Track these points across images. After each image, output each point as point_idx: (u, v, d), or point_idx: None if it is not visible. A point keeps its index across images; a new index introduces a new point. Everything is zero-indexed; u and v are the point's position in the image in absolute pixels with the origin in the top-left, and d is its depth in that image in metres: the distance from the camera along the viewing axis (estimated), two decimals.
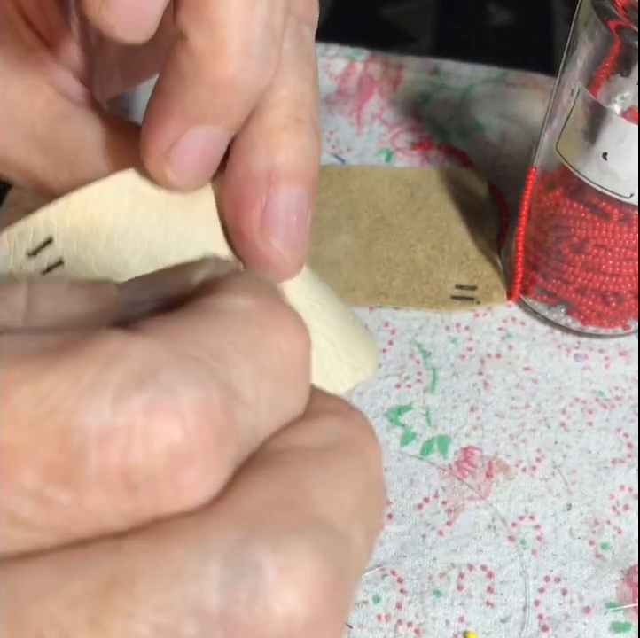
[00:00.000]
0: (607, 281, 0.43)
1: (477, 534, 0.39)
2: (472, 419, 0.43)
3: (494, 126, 0.55)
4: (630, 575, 0.38)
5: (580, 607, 0.38)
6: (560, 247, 0.43)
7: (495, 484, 0.41)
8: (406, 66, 0.57)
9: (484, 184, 0.52)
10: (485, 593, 0.38)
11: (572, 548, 0.39)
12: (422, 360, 0.45)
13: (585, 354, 0.45)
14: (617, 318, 0.45)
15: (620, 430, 0.43)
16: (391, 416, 0.43)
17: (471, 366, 0.45)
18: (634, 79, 0.36)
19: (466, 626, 0.37)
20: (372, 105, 0.56)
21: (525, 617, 0.37)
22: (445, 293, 0.47)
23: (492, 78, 0.57)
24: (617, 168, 0.38)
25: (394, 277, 0.47)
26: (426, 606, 0.37)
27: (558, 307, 0.45)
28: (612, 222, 0.41)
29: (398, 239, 0.49)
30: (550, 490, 0.41)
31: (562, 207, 0.42)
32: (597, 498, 0.41)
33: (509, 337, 0.46)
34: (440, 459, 0.42)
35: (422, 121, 0.55)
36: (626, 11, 0.35)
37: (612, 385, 0.44)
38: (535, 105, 0.55)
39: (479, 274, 0.48)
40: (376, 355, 0.29)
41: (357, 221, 0.50)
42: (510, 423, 0.43)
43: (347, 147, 0.54)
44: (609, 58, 0.37)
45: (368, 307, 0.47)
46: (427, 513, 0.40)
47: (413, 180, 0.52)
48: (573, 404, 0.44)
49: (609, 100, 0.37)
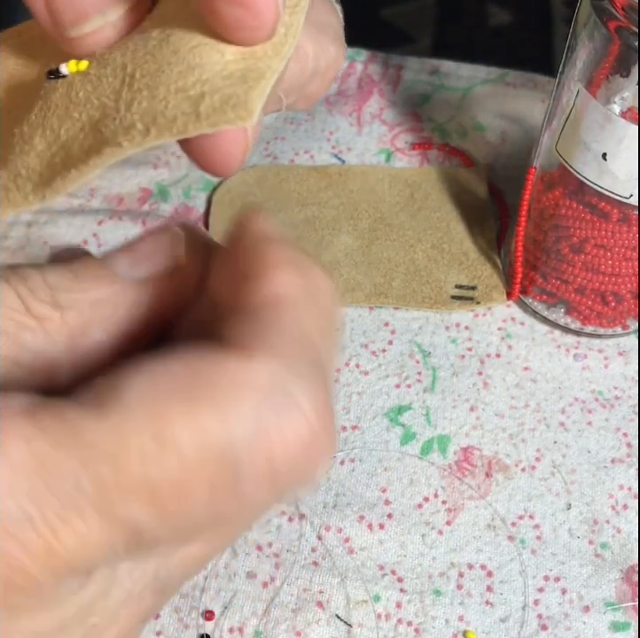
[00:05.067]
0: (606, 281, 0.43)
1: (476, 534, 0.40)
2: (471, 419, 0.43)
3: (494, 126, 0.55)
4: (629, 574, 0.38)
5: (579, 606, 0.38)
6: (560, 247, 0.43)
7: (494, 483, 0.41)
8: (406, 66, 0.57)
9: (484, 184, 0.52)
10: (484, 592, 0.38)
11: (571, 547, 0.39)
12: (422, 360, 0.45)
13: (584, 354, 0.45)
14: (616, 318, 0.45)
15: (620, 429, 0.43)
16: (391, 416, 0.43)
17: (470, 366, 0.45)
18: (633, 79, 0.36)
19: (466, 626, 0.37)
20: (372, 106, 0.56)
21: (524, 616, 0.37)
22: (445, 293, 0.47)
23: (492, 78, 0.57)
24: (616, 169, 0.38)
25: (393, 277, 0.47)
26: (426, 605, 0.38)
27: (557, 307, 0.45)
28: (611, 223, 0.41)
29: (398, 239, 0.49)
30: (550, 490, 0.41)
31: (562, 207, 0.42)
32: (596, 497, 0.41)
33: (508, 337, 0.46)
34: (440, 459, 0.42)
35: (422, 121, 0.55)
36: (625, 11, 0.36)
37: (612, 384, 0.44)
38: (535, 105, 0.55)
39: (478, 274, 0.48)
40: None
41: (357, 222, 0.50)
42: (509, 422, 0.43)
43: (347, 147, 0.54)
44: (608, 59, 0.37)
45: (368, 308, 0.47)
46: (427, 513, 0.40)
47: (413, 180, 0.52)
48: (573, 404, 0.44)
49: (608, 100, 0.38)
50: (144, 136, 0.21)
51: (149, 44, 0.23)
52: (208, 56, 0.22)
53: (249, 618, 0.37)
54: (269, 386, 0.18)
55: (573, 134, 0.39)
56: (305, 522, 0.40)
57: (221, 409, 0.18)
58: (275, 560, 0.39)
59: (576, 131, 0.39)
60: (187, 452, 0.18)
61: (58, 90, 0.23)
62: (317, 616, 0.37)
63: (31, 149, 0.23)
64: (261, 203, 0.50)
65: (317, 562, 0.38)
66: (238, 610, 0.37)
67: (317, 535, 0.39)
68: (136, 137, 0.21)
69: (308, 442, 0.19)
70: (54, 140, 0.23)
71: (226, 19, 0.22)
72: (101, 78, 0.23)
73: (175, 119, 0.21)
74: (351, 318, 0.46)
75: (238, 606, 0.37)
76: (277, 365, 0.19)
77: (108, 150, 0.21)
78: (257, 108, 0.21)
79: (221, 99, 0.21)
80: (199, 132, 0.21)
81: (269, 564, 0.38)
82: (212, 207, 0.51)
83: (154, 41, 0.23)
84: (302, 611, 0.37)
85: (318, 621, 0.37)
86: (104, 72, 0.23)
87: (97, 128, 0.22)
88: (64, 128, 0.23)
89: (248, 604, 0.37)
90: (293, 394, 0.19)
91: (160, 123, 0.21)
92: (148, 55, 0.23)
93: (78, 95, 0.23)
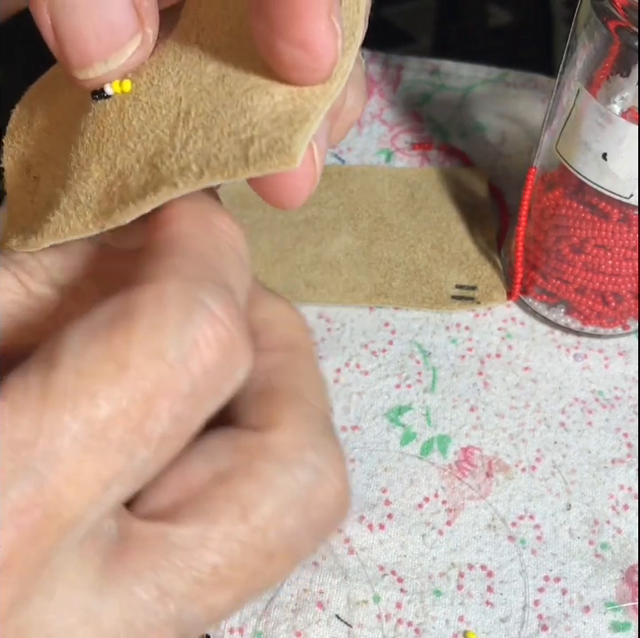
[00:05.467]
0: (607, 281, 0.43)
1: (477, 534, 0.39)
2: (471, 419, 0.43)
3: (494, 126, 0.55)
4: (630, 574, 0.38)
5: (579, 606, 0.38)
6: (560, 247, 0.43)
7: (494, 483, 0.41)
8: (406, 66, 0.57)
9: (484, 184, 0.52)
10: (485, 592, 0.38)
11: (571, 547, 0.39)
12: (422, 360, 0.45)
13: (585, 354, 0.45)
14: (616, 318, 0.45)
15: (620, 429, 0.43)
16: (391, 416, 0.43)
17: (471, 366, 0.45)
18: (633, 79, 0.36)
19: (466, 626, 0.37)
20: (372, 106, 0.56)
21: (524, 616, 0.37)
22: (445, 293, 0.47)
23: (492, 78, 0.57)
24: (617, 169, 0.38)
25: (394, 277, 0.47)
26: (426, 606, 0.38)
27: (557, 307, 0.45)
28: (611, 223, 0.41)
29: (398, 239, 0.49)
30: (550, 490, 0.41)
31: (562, 207, 0.42)
32: (596, 498, 0.41)
33: (509, 337, 0.46)
34: (440, 459, 0.42)
35: (422, 121, 0.55)
36: (625, 11, 0.35)
37: (612, 384, 0.44)
38: (535, 105, 0.55)
39: (479, 274, 0.48)
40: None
41: (357, 222, 0.50)
42: (509, 422, 0.43)
43: (347, 147, 0.54)
44: (609, 59, 0.37)
45: (368, 308, 0.47)
46: (427, 513, 0.40)
47: (413, 180, 0.52)
48: (573, 404, 0.44)
49: (609, 100, 0.38)
50: (197, 177, 0.22)
51: (203, 81, 0.24)
52: (259, 98, 0.23)
53: (249, 618, 0.37)
54: (183, 299, 0.20)
55: (574, 134, 0.39)
56: None
57: (150, 327, 0.19)
58: None
59: (576, 131, 0.39)
60: (142, 370, 0.19)
61: (110, 115, 0.24)
62: (317, 616, 0.37)
63: (89, 176, 0.24)
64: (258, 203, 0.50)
65: (317, 562, 0.38)
66: (237, 611, 0.37)
67: None
68: (191, 179, 0.22)
69: (228, 345, 0.20)
70: (110, 169, 0.24)
71: (285, 60, 0.22)
72: (154, 108, 0.24)
73: (226, 163, 0.22)
74: (351, 318, 0.46)
75: None
76: (185, 282, 0.20)
77: (165, 189, 0.22)
78: (301, 152, 0.22)
79: (267, 144, 0.22)
80: (248, 176, 0.22)
81: None
82: None
83: (209, 78, 0.24)
84: (302, 612, 0.37)
85: (318, 621, 0.37)
86: (156, 101, 0.24)
87: (154, 162, 0.23)
88: (119, 157, 0.24)
89: (248, 605, 0.37)
90: (206, 302, 0.20)
91: (213, 166, 0.22)
92: (203, 92, 0.24)
93: (132, 123, 0.24)
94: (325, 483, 0.22)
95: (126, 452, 0.19)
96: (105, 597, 0.20)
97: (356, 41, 0.25)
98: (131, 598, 0.20)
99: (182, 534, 0.21)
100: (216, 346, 0.20)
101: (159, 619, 0.20)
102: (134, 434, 0.19)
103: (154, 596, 0.20)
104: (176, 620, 0.21)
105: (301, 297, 0.47)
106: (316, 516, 0.22)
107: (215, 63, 0.24)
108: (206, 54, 0.24)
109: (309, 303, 0.47)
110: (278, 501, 0.22)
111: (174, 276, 0.20)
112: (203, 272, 0.21)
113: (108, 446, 0.19)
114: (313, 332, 0.46)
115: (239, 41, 0.24)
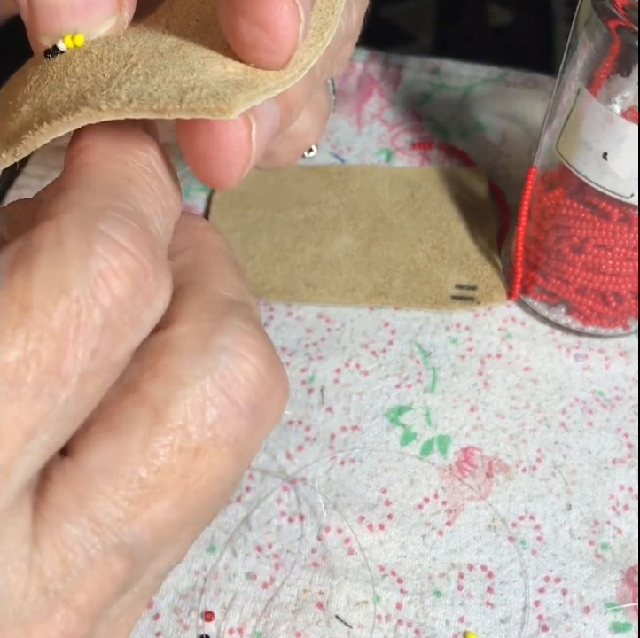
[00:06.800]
0: (607, 281, 0.43)
1: (477, 534, 0.39)
2: (472, 419, 0.43)
3: (494, 126, 0.55)
4: (630, 575, 0.38)
5: (580, 607, 0.38)
6: (560, 247, 0.43)
7: (495, 484, 0.41)
8: (406, 65, 0.57)
9: (484, 184, 0.52)
10: (485, 593, 0.38)
11: (572, 548, 0.39)
12: (422, 360, 0.45)
13: (585, 354, 0.45)
14: (617, 318, 0.45)
15: (621, 430, 0.43)
16: (391, 416, 0.43)
17: (471, 366, 0.45)
18: (634, 79, 0.36)
19: (466, 627, 0.37)
20: (372, 105, 0.56)
21: (525, 617, 0.37)
22: (445, 293, 0.47)
23: (492, 78, 0.57)
24: (617, 168, 0.38)
25: (394, 277, 0.47)
26: (426, 606, 0.37)
27: (558, 307, 0.45)
28: (612, 222, 0.41)
29: (398, 239, 0.49)
30: (550, 490, 0.41)
31: (562, 207, 0.42)
32: (597, 498, 0.41)
33: (509, 337, 0.46)
34: (441, 459, 0.42)
35: (422, 121, 0.55)
36: (626, 11, 0.35)
37: (613, 385, 0.44)
38: (535, 104, 0.55)
39: (479, 274, 0.48)
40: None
41: (357, 222, 0.50)
42: (510, 423, 0.43)
43: (347, 147, 0.54)
44: (609, 58, 0.37)
45: (368, 308, 0.47)
46: (427, 513, 0.40)
47: (413, 180, 0.52)
48: (574, 404, 0.44)
49: (609, 100, 0.37)
50: (124, 105, 0.21)
51: (160, 46, 0.23)
52: (211, 65, 0.23)
53: (249, 618, 0.37)
54: (82, 232, 0.19)
55: (574, 133, 0.39)
56: (305, 523, 0.39)
57: (49, 265, 0.19)
58: (275, 561, 0.38)
59: (577, 131, 0.39)
60: (46, 308, 0.18)
61: (56, 65, 0.23)
62: (317, 617, 0.37)
63: (17, 116, 0.23)
64: (258, 203, 0.50)
65: (317, 563, 0.38)
66: (237, 611, 0.37)
67: (317, 536, 0.39)
68: (116, 104, 0.21)
69: (139, 274, 0.20)
70: (40, 106, 0.23)
71: (245, 38, 0.22)
72: (102, 59, 0.23)
73: (158, 99, 0.21)
74: (351, 318, 0.46)
75: (237, 607, 0.37)
76: (83, 213, 0.20)
77: (85, 109, 0.21)
78: (239, 106, 0.21)
79: (208, 93, 0.21)
80: (177, 115, 0.21)
81: (268, 565, 0.38)
82: (212, 207, 0.50)
83: (166, 45, 0.23)
84: (302, 612, 0.37)
85: (318, 622, 0.37)
86: (107, 54, 0.23)
87: (84, 95, 0.22)
88: (52, 95, 0.23)
89: (248, 605, 0.37)
90: (107, 232, 0.19)
91: (144, 99, 0.21)
92: (156, 53, 0.23)
93: (75, 70, 0.23)
94: (241, 362, 0.21)
95: (44, 395, 0.18)
96: (41, 545, 0.19)
97: (324, 41, 0.24)
98: (64, 536, 0.19)
99: (97, 457, 0.20)
100: (125, 275, 0.19)
101: (99, 551, 0.19)
102: (49, 375, 0.18)
103: (88, 528, 0.19)
104: (119, 546, 0.20)
105: (301, 297, 0.47)
106: (239, 397, 0.21)
107: (177, 38, 0.24)
108: (171, 32, 0.24)
109: (309, 303, 0.47)
110: (191, 394, 0.20)
111: (71, 210, 0.19)
112: (106, 201, 0.20)
113: (24, 391, 0.18)
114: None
115: (207, 27, 0.24)
